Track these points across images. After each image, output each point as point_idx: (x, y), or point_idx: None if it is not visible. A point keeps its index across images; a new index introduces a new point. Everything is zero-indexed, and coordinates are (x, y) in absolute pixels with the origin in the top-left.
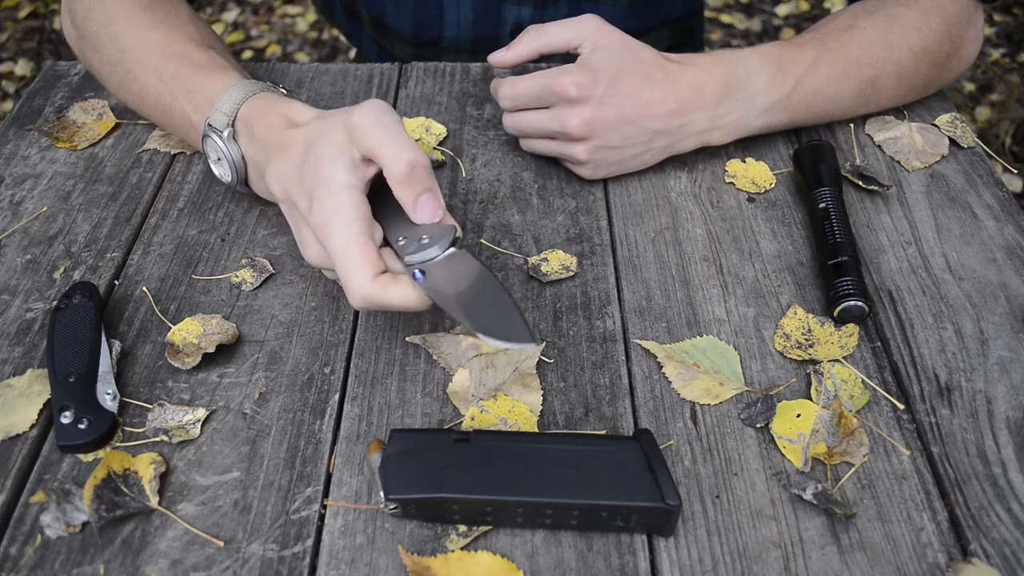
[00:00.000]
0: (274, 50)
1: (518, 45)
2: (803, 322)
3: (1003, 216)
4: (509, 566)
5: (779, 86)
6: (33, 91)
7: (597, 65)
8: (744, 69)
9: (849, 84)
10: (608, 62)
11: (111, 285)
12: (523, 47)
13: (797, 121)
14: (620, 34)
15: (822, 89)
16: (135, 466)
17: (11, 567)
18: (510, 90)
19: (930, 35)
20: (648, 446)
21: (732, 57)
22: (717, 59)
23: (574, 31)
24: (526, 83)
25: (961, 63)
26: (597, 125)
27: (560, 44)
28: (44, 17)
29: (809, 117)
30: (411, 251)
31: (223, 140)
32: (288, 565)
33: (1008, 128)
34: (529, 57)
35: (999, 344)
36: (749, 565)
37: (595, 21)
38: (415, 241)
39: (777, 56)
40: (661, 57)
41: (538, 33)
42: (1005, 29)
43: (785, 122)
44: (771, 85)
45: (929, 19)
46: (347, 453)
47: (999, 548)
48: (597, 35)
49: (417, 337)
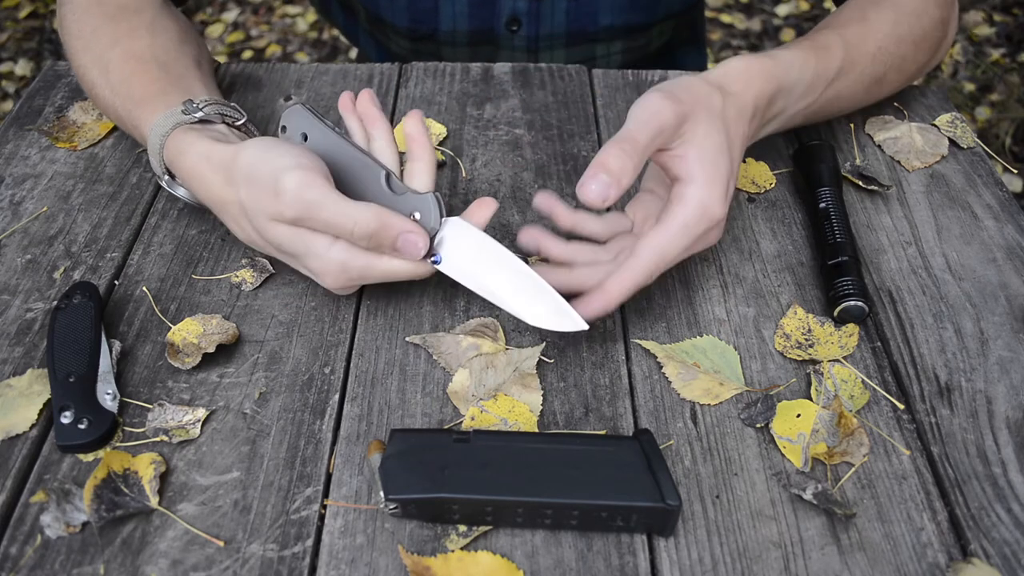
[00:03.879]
0: (274, 50)
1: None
2: (803, 322)
3: (1003, 216)
4: (509, 566)
5: (810, 94)
6: (33, 91)
7: (714, 170)
8: (789, 80)
9: (863, 84)
10: (714, 156)
11: (111, 285)
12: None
13: (808, 123)
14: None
15: (840, 92)
16: (135, 466)
17: (11, 567)
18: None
19: (928, 21)
20: (648, 446)
21: (781, 72)
22: (767, 76)
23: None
24: (674, 242)
25: (944, 49)
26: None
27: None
28: (44, 17)
29: (819, 119)
30: None
31: (166, 185)
32: (288, 565)
33: (1008, 128)
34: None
35: (999, 344)
36: (749, 565)
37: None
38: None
39: (813, 66)
40: (723, 103)
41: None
42: (1005, 29)
43: (799, 125)
44: (804, 95)
45: (926, 3)
46: (347, 453)
47: (999, 548)
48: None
49: (417, 337)
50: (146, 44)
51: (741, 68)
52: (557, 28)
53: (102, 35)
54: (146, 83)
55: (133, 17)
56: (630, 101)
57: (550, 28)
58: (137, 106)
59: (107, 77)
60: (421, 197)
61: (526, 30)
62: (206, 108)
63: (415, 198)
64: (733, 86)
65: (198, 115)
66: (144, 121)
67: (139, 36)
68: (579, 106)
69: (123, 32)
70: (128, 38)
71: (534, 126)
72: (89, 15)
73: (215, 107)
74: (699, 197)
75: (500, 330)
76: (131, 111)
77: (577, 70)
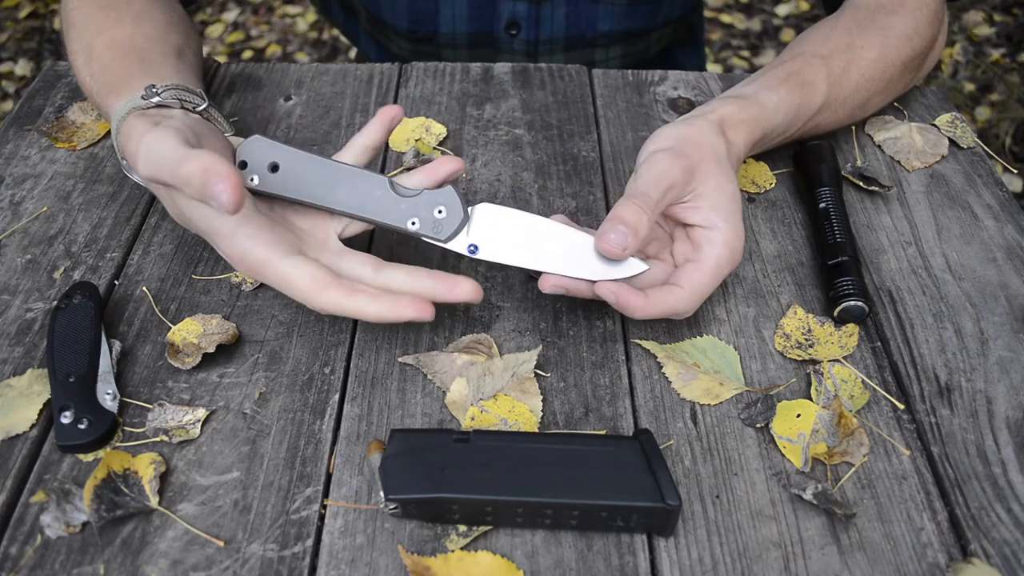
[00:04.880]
0: (274, 50)
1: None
2: (803, 322)
3: (1003, 216)
4: (509, 566)
5: (790, 129)
6: (33, 91)
7: (731, 212)
8: (772, 125)
9: (844, 112)
10: (729, 201)
11: (111, 285)
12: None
13: (782, 146)
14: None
15: (819, 123)
16: (135, 466)
17: (11, 567)
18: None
19: (919, 41)
20: (648, 446)
21: (767, 119)
22: (754, 126)
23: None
24: (708, 281)
25: (932, 63)
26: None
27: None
28: (44, 17)
29: (791, 141)
30: (439, 232)
31: (125, 169)
32: (288, 565)
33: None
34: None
35: (999, 344)
36: (749, 565)
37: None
38: (431, 220)
39: (797, 105)
40: (719, 141)
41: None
42: (1005, 29)
43: (773, 148)
44: (785, 131)
45: (918, 23)
46: (347, 453)
47: (999, 548)
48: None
49: (411, 357)
50: (128, 33)
51: (735, 115)
52: (556, 33)
53: (91, 23)
54: (119, 71)
55: (123, 7)
56: (630, 101)
57: (549, 33)
58: (109, 93)
59: (89, 65)
60: (440, 192)
61: (525, 34)
62: (164, 93)
63: (433, 194)
64: (729, 132)
65: (154, 100)
66: (111, 107)
67: (124, 25)
68: (579, 106)
69: (110, 21)
70: (114, 27)
71: (534, 126)
72: (84, 3)
73: (173, 92)
74: (726, 239)
75: (494, 345)
76: (104, 97)
77: (577, 70)
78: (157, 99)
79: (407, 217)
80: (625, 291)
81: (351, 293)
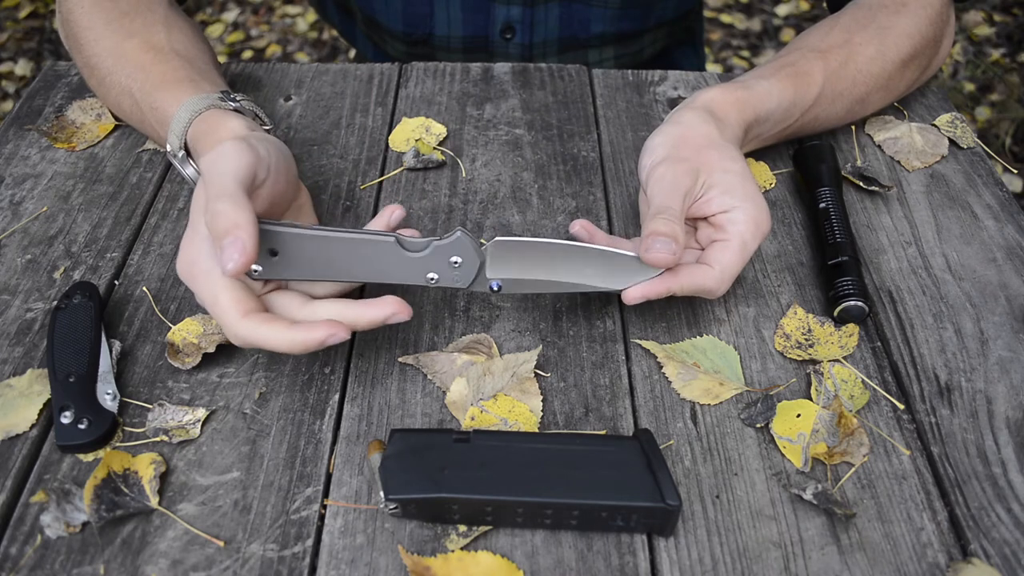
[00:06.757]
0: (274, 50)
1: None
2: (803, 322)
3: (1003, 216)
4: (509, 566)
5: (786, 120)
6: (33, 91)
7: (745, 190)
8: (765, 110)
9: (842, 105)
10: (740, 179)
11: (111, 285)
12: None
13: (783, 142)
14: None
15: (818, 116)
16: (135, 466)
17: (11, 567)
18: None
19: (920, 40)
20: (648, 446)
21: (756, 101)
22: (742, 107)
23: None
24: (736, 259)
25: (938, 64)
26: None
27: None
28: (44, 17)
29: (796, 137)
30: (459, 280)
31: (178, 162)
32: (288, 565)
33: (1008, 128)
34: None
35: (999, 344)
36: (749, 565)
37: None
38: (448, 270)
39: (791, 95)
40: (719, 135)
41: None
42: (1005, 29)
43: (773, 143)
44: (780, 122)
45: (919, 22)
46: (347, 453)
47: (999, 548)
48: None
49: (410, 357)
50: (163, 38)
51: (719, 97)
52: (550, 35)
53: (117, 28)
54: (168, 71)
55: (147, 13)
56: (630, 101)
57: (543, 35)
58: (158, 89)
59: (122, 64)
60: (452, 241)
61: (520, 37)
62: (243, 102)
63: (444, 245)
64: (718, 112)
65: (233, 105)
66: (167, 101)
67: (156, 31)
68: (579, 106)
69: (138, 26)
70: (145, 31)
71: (534, 126)
72: (100, 10)
73: (250, 104)
74: (747, 215)
75: (494, 345)
76: (150, 93)
77: (577, 70)
78: (235, 104)
79: (424, 272)
80: (651, 282)
81: (266, 322)
